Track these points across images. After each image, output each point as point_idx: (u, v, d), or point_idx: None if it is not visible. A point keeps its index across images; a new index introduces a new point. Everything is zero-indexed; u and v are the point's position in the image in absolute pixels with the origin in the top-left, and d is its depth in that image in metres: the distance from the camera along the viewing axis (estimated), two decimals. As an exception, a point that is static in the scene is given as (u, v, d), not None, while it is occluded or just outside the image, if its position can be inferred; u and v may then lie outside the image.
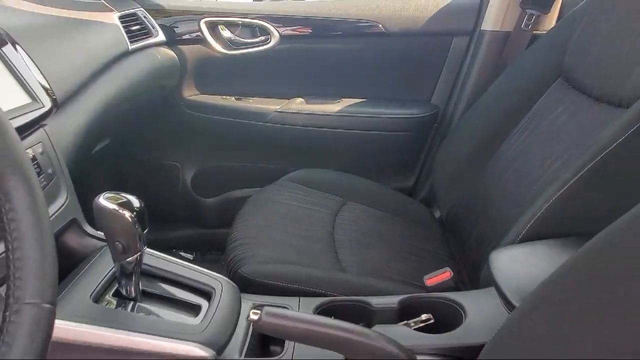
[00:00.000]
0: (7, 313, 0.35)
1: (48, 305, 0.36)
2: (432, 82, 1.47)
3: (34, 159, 0.67)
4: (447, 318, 0.73)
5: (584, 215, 0.74)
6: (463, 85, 1.40)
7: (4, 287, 0.38)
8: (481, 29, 1.36)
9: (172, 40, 1.44)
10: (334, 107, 1.48)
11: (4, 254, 0.38)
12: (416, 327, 0.72)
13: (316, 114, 1.48)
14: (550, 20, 1.29)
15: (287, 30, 1.46)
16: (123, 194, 0.63)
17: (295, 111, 1.49)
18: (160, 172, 1.56)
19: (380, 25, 1.42)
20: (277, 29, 1.45)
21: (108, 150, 1.21)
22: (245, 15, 1.47)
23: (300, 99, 1.52)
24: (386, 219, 1.18)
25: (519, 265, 0.66)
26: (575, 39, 1.00)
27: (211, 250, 1.58)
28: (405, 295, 0.78)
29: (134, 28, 1.22)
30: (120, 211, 0.60)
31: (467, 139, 1.22)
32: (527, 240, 0.76)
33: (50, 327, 0.36)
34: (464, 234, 1.11)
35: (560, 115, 0.98)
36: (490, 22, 1.32)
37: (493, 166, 1.10)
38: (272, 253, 0.93)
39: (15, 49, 0.73)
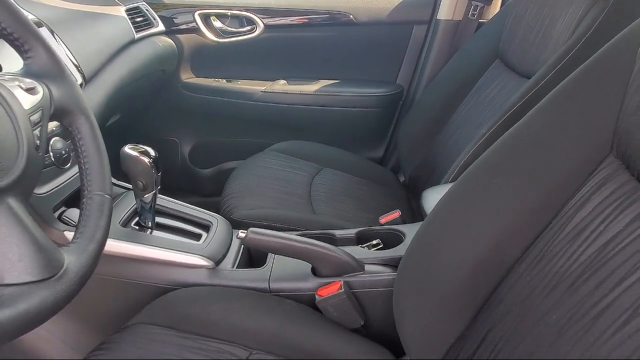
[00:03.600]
0: (84, 200, 0.55)
1: (107, 196, 0.56)
2: (396, 65, 1.61)
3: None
4: (392, 242, 0.92)
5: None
6: (423, 67, 1.54)
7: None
8: (437, 18, 1.50)
9: (171, 30, 1.56)
10: (312, 88, 1.60)
11: (77, 174, 0.58)
12: (368, 250, 0.92)
13: (297, 94, 1.60)
14: (494, 10, 1.44)
15: (271, 21, 1.58)
16: (141, 145, 0.82)
17: (279, 91, 1.61)
18: (161, 147, 1.63)
19: (351, 16, 1.55)
20: (262, 19, 1.57)
21: (118, 125, 1.36)
22: (233, 8, 1.59)
23: (283, 81, 1.64)
24: (357, 182, 1.33)
25: (440, 195, 0.86)
26: (508, 26, 1.19)
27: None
28: (362, 228, 0.97)
29: (138, 19, 1.36)
30: (141, 157, 0.78)
31: (424, 113, 1.38)
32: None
33: (110, 209, 0.56)
34: (419, 192, 1.30)
35: (494, 89, 1.18)
36: (444, 12, 1.47)
37: (443, 135, 1.28)
38: (258, 202, 1.10)
39: (53, 35, 0.91)
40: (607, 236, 0.48)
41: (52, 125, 0.77)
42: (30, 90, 0.50)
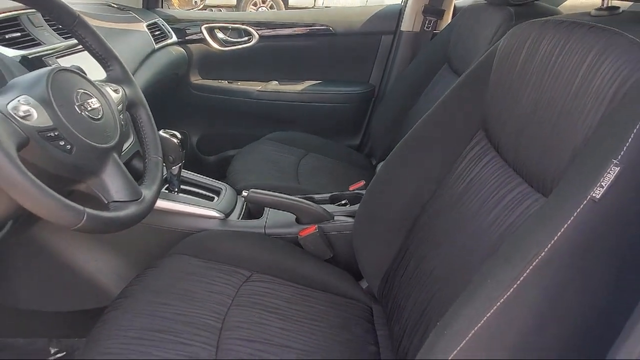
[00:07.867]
0: (145, 160, 0.86)
1: (160, 158, 0.87)
2: (369, 68, 1.85)
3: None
4: (356, 202, 1.20)
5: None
6: (390, 69, 1.80)
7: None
8: (400, 29, 1.76)
9: (182, 40, 1.79)
10: (299, 87, 1.84)
11: (136, 139, 0.88)
12: (338, 206, 1.21)
13: (287, 92, 1.83)
14: (445, 23, 1.71)
15: (265, 32, 1.82)
16: (169, 130, 1.11)
17: (272, 90, 1.84)
18: None
19: (331, 28, 1.80)
20: (257, 31, 1.82)
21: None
22: (233, 22, 1.83)
23: (275, 82, 1.88)
24: (336, 163, 1.59)
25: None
26: (453, 37, 1.49)
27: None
28: (334, 193, 1.26)
29: (156, 33, 1.62)
30: (171, 138, 1.07)
31: (390, 108, 1.65)
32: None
33: (162, 165, 0.86)
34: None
35: (441, 88, 1.47)
36: (406, 24, 1.74)
37: (404, 126, 1.56)
38: (255, 177, 1.38)
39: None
40: (470, 177, 0.79)
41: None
42: (115, 91, 0.81)
